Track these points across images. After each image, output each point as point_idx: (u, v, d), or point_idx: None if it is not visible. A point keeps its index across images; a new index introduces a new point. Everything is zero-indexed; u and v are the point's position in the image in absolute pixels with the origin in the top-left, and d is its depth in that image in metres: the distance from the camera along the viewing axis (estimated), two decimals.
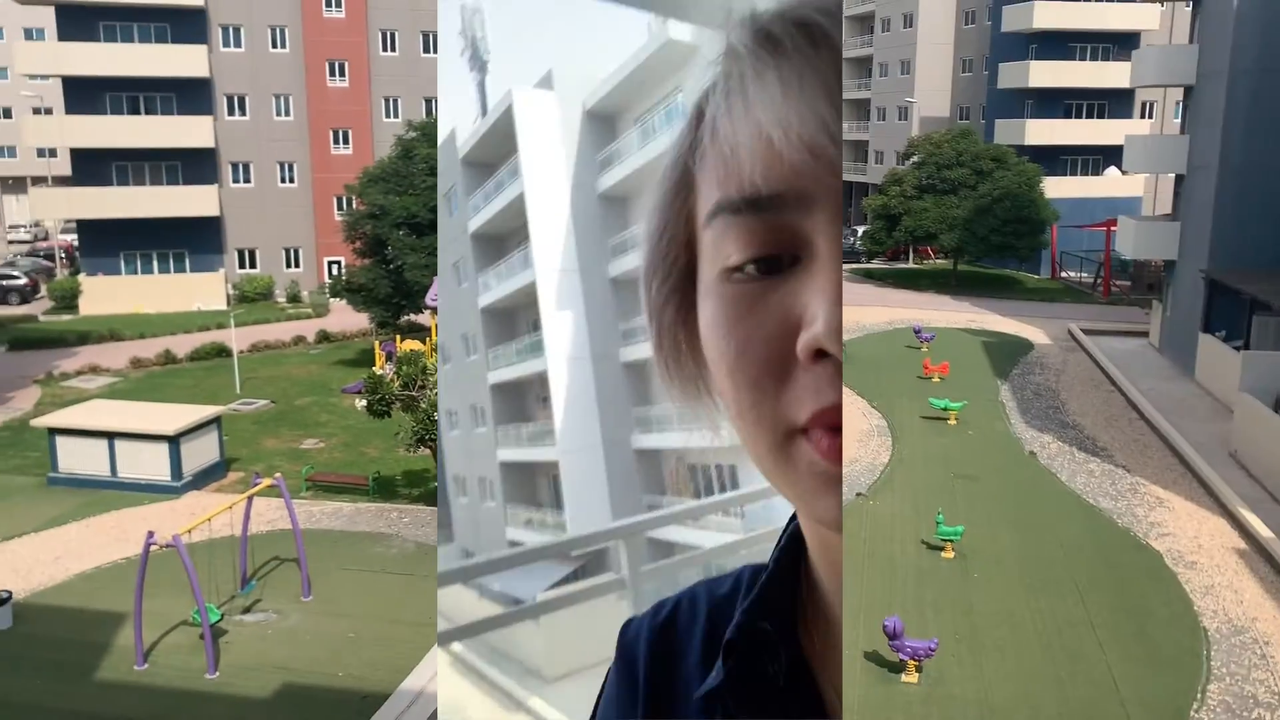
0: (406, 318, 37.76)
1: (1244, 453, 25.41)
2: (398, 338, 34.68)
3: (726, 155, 1.87)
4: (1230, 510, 22.39)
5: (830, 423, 1.90)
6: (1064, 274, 54.72)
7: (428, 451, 22.80)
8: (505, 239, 33.46)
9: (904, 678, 15.76)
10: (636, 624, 2.43)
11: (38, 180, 68.38)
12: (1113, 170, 55.12)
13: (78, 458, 24.27)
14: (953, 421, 28.82)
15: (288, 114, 48.36)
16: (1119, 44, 55.14)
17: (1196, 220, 34.11)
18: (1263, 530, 20.98)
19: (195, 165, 46.85)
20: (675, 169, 2.01)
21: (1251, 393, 25.87)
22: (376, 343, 35.50)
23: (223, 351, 36.77)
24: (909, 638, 16.07)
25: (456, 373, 35.98)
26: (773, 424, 1.94)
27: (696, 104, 1.98)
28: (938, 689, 15.58)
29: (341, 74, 48.55)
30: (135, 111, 45.90)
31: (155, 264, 47.29)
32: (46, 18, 63.02)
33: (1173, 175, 37.86)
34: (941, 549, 20.37)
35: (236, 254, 48.78)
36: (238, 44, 47.16)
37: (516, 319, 33.37)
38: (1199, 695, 15.45)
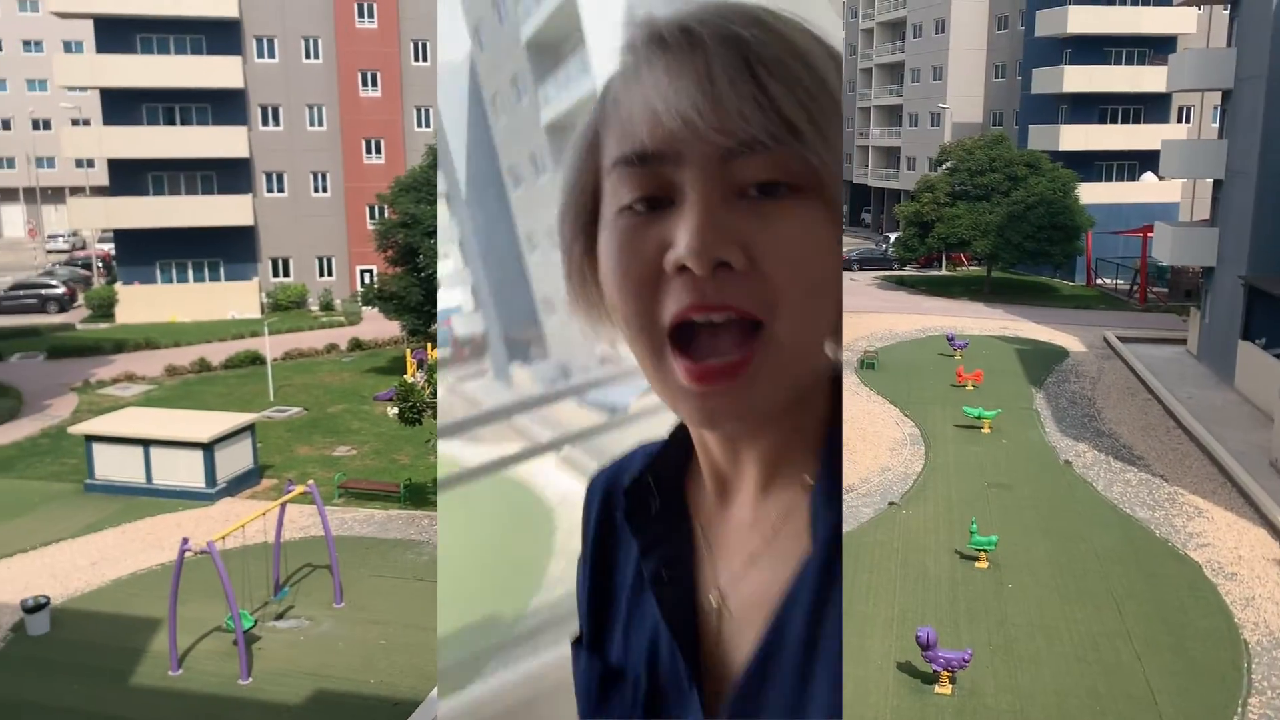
0: (437, 326, 37.89)
1: None
2: (429, 345, 34.84)
3: (624, 121, 2.50)
4: (1271, 520, 22.00)
5: (679, 329, 2.49)
6: (1099, 281, 54.13)
7: None
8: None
9: (937, 689, 15.59)
10: (593, 479, 3.23)
11: (76, 190, 69.45)
12: (1149, 175, 54.48)
13: (114, 465, 24.54)
14: (986, 430, 28.54)
15: (321, 124, 48.80)
16: (1155, 48, 54.54)
17: (1235, 226, 33.63)
18: None
19: (230, 175, 47.38)
20: (587, 133, 2.65)
21: None
22: (408, 350, 35.68)
23: (256, 359, 37.09)
24: (942, 648, 15.90)
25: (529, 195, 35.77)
26: (650, 328, 2.54)
27: (605, 84, 2.60)
28: (971, 700, 15.40)
29: (374, 84, 48.94)
30: (171, 122, 46.50)
31: (190, 273, 47.83)
32: (85, 31, 64.12)
33: (1210, 180, 37.35)
34: (975, 559, 20.16)
35: (270, 263, 49.24)
36: (271, 55, 47.66)
37: None
38: (1239, 709, 15.17)
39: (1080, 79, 53.27)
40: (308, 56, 48.15)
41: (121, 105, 45.74)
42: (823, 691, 2.50)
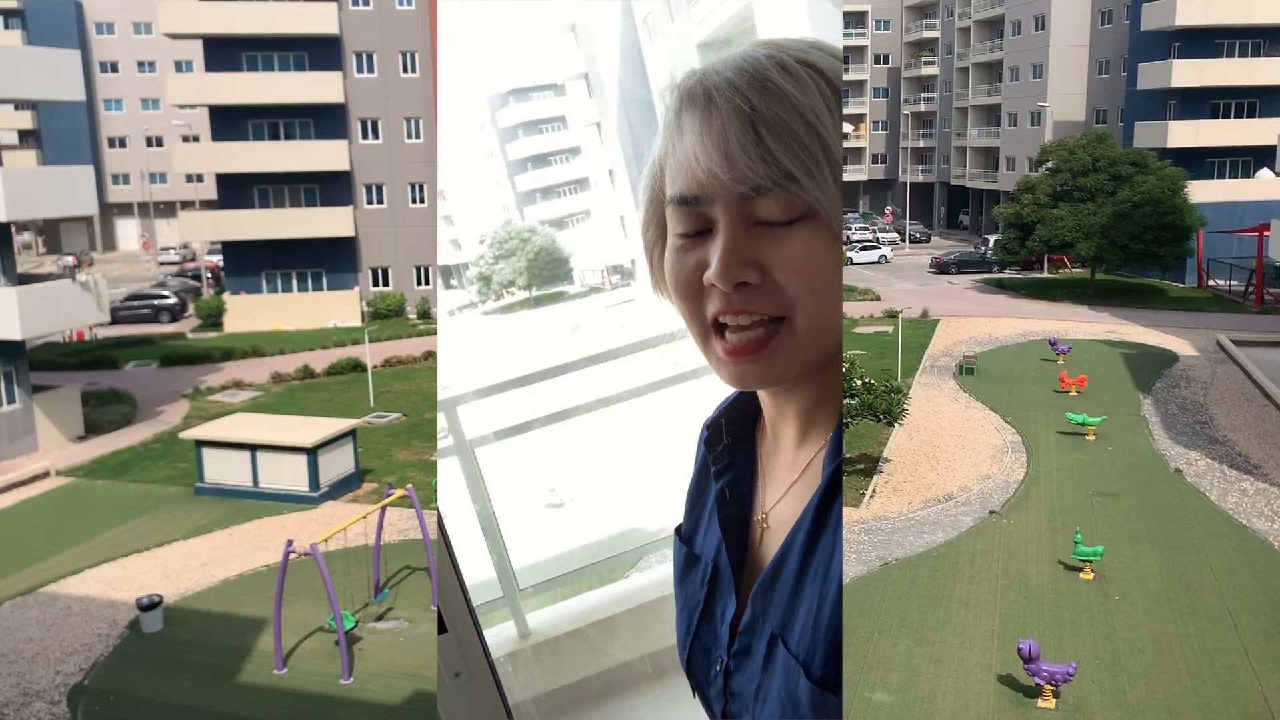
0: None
1: None
2: None
3: (675, 165, 3.36)
4: None
5: (718, 321, 3.35)
6: (1211, 282, 52.07)
7: None
8: None
9: (1040, 703, 15.14)
10: (703, 423, 4.22)
11: (186, 204, 72.18)
12: (1265, 172, 52.18)
13: (222, 469, 25.36)
14: (1091, 437, 27.66)
15: (418, 136, 49.80)
16: (1270, 38, 52.30)
17: None
18: None
19: (331, 187, 48.67)
20: (655, 167, 3.54)
21: None
22: None
23: (357, 366, 37.98)
24: (1045, 661, 15.43)
25: None
26: (696, 322, 3.47)
27: (664, 129, 3.45)
28: (1077, 715, 14.90)
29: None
30: (276, 137, 47.99)
31: (294, 283, 49.25)
32: (194, 51, 66.62)
33: None
34: (1080, 569, 19.53)
35: (370, 272, 50.41)
36: (370, 70, 48.84)
37: None
38: None
39: (1190, 73, 51.37)
40: (405, 70, 49.21)
41: (229, 121, 47.38)
42: (813, 589, 3.37)
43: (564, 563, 11.49)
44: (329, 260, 49.14)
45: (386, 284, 50.69)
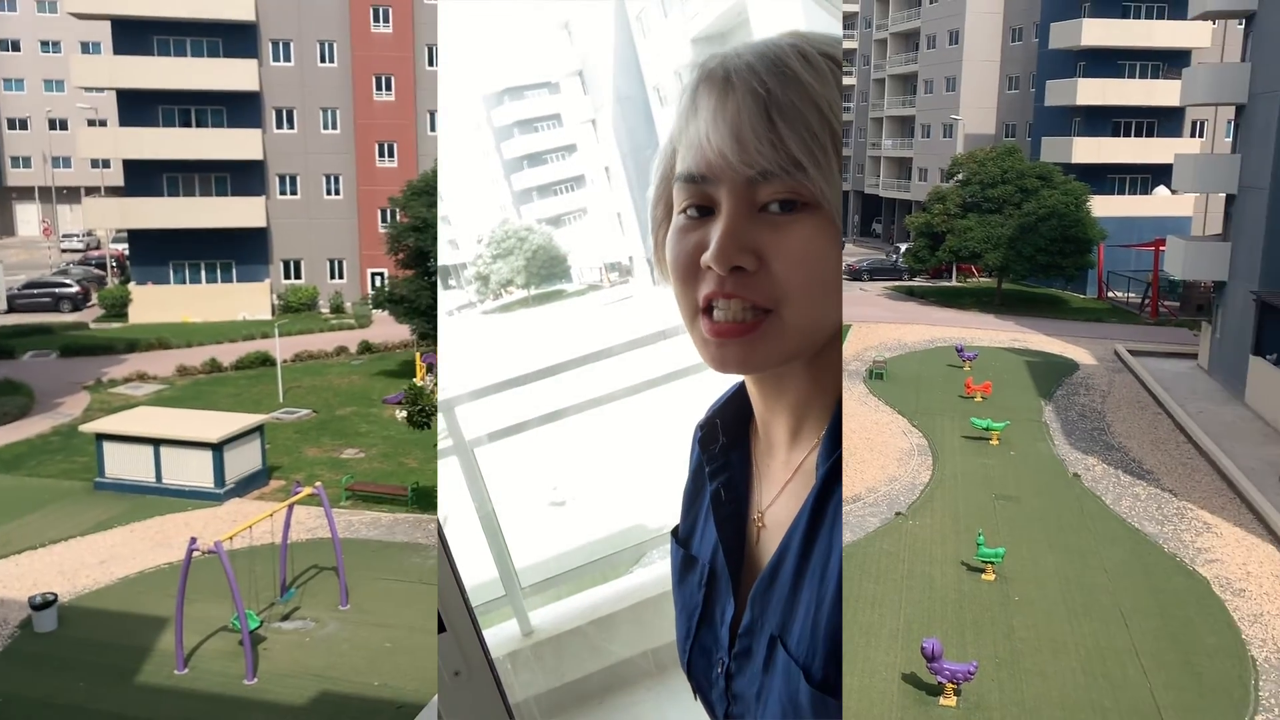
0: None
1: None
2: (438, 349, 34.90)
3: (688, 144, 3.34)
4: None
5: (709, 304, 3.35)
6: (1111, 294, 53.98)
7: None
8: None
9: (942, 701, 15.55)
10: (696, 424, 4.20)
11: (91, 190, 69.82)
12: (1162, 189, 54.33)
13: (124, 463, 24.64)
14: (995, 442, 28.47)
15: (335, 127, 49.00)
16: (1169, 61, 54.42)
17: (1247, 241, 33.52)
18: None
19: (244, 177, 47.60)
20: (669, 146, 3.51)
21: None
22: (418, 354, 35.78)
23: (267, 361, 37.23)
24: (948, 660, 15.86)
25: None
26: (689, 302, 3.45)
27: (681, 110, 3.42)
28: (976, 714, 15.35)
29: (388, 88, 49.12)
30: (186, 124, 46.76)
31: (203, 274, 48.04)
32: (102, 32, 64.54)
33: (1223, 195, 37.25)
34: (982, 571, 20.11)
35: (282, 264, 49.42)
36: (287, 58, 47.90)
37: None
38: None
39: (1094, 92, 53.19)
40: (323, 60, 48.38)
41: (137, 106, 46.01)
42: (810, 590, 3.35)
43: (566, 560, 11.47)
44: (239, 251, 48.04)
45: (299, 277, 49.75)
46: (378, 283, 48.53)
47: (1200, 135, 56.34)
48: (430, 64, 49.77)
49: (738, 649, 3.78)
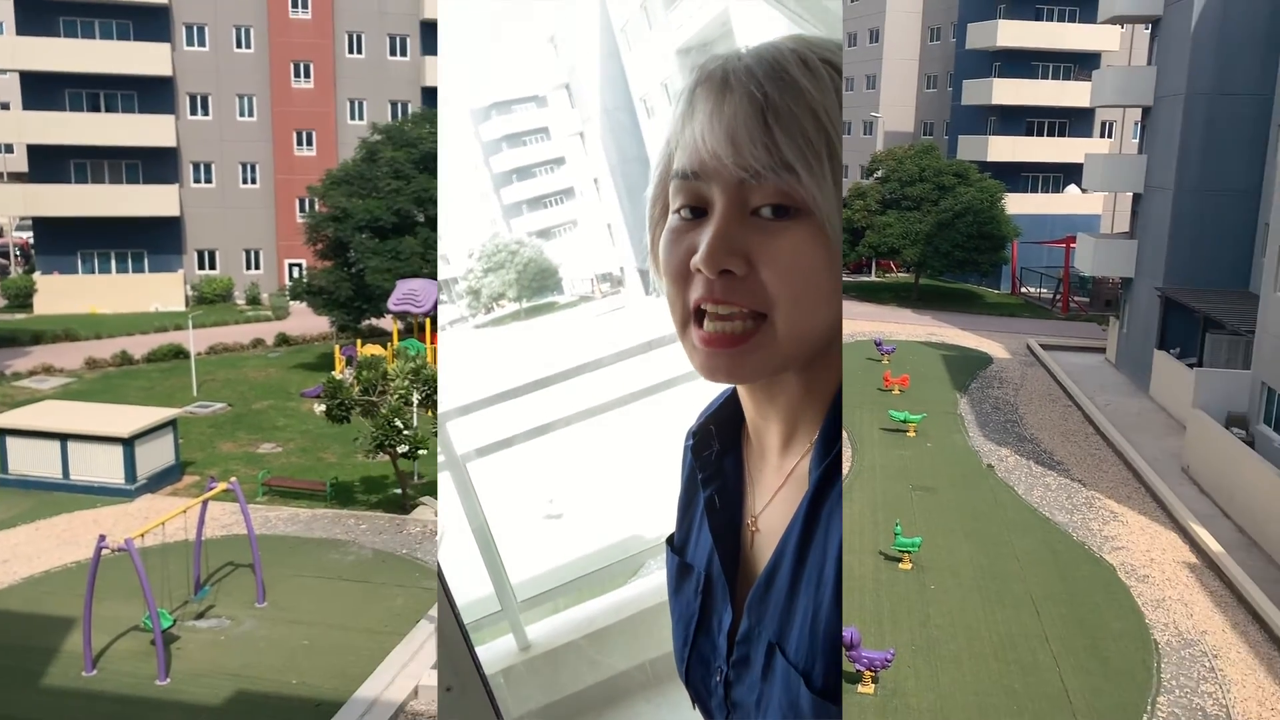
0: (367, 322, 37.48)
1: (1196, 468, 25.81)
2: (358, 342, 34.42)
3: (685, 144, 3.33)
4: (1182, 525, 22.73)
5: (700, 308, 3.33)
6: (1024, 289, 55.38)
7: (386, 457, 22.62)
8: None
9: (860, 688, 15.83)
10: (688, 431, 4.14)
11: None
12: (1073, 188, 55.89)
13: (29, 459, 23.83)
14: (912, 434, 29.03)
15: (251, 114, 47.92)
16: (1080, 64, 55.96)
17: (1153, 239, 34.67)
18: (1213, 545, 21.31)
19: (156, 164, 46.27)
20: (668, 146, 3.47)
21: (1204, 409, 26.29)
22: (337, 347, 35.22)
23: (180, 353, 36.31)
24: (866, 648, 16.15)
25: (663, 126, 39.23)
26: (679, 307, 3.42)
27: (680, 111, 3.41)
28: (894, 700, 15.66)
29: (306, 75, 48.19)
30: (95, 109, 45.27)
31: (113, 263, 46.61)
32: (5, 11, 62.04)
33: (1130, 194, 38.46)
34: (899, 560, 20.50)
35: (196, 255, 48.21)
36: (201, 43, 46.67)
37: None
38: (1149, 708, 15.65)
39: (1008, 92, 54.45)
40: (239, 46, 47.25)
41: (43, 89, 44.39)
42: (807, 596, 3.34)
43: (563, 573, 11.34)
44: (151, 241, 46.70)
45: (213, 267, 48.58)
46: (295, 274, 47.63)
47: (1109, 136, 58.07)
48: (351, 51, 48.92)
49: (736, 657, 3.75)
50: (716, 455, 4.00)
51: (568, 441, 11.89)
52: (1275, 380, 24.68)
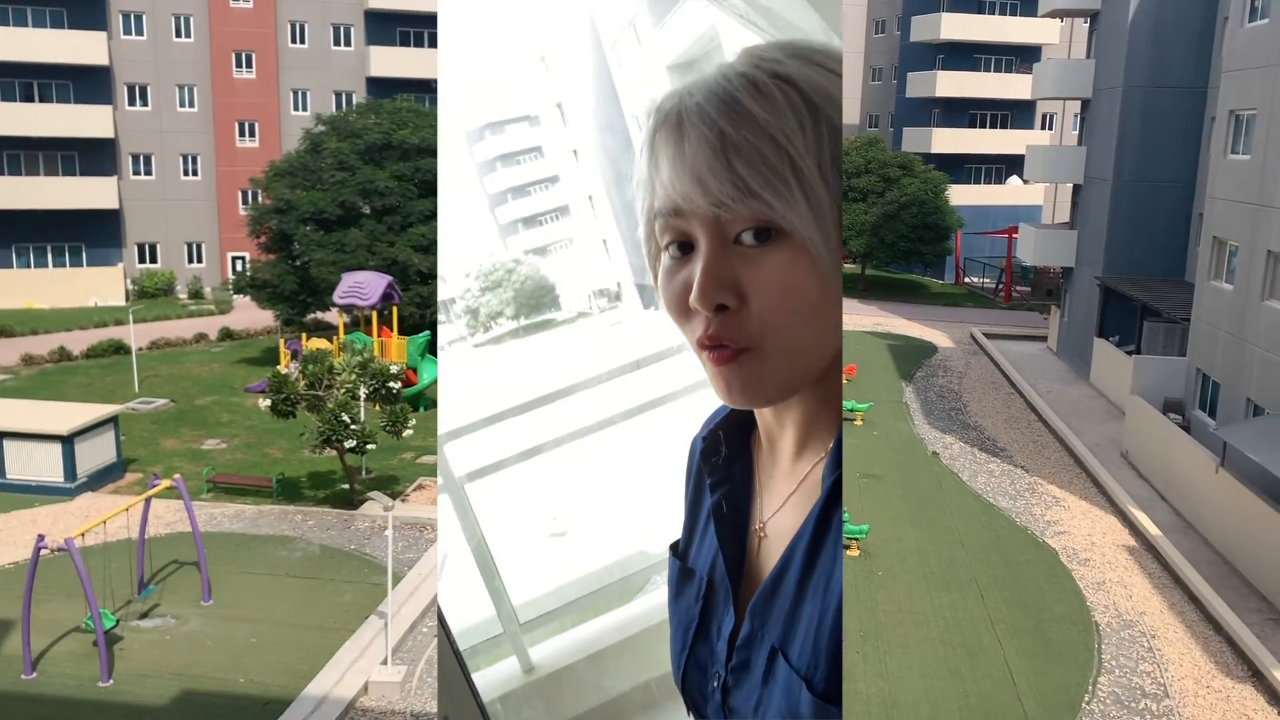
0: (312, 315, 37.04)
1: (1134, 453, 26.40)
2: (303, 336, 34.01)
3: (657, 185, 3.38)
4: (1122, 509, 23.25)
5: (704, 343, 3.35)
6: (967, 279, 56.16)
7: (333, 452, 22.40)
8: None
9: None
10: (693, 438, 4.18)
11: None
12: (1014, 179, 56.75)
13: None
14: (859, 422, 29.36)
15: (191, 105, 47.05)
16: (1021, 56, 56.80)
17: (1092, 229, 35.34)
18: (1151, 528, 21.83)
19: (93, 156, 45.27)
20: (648, 183, 3.47)
21: (1142, 395, 26.89)
22: (281, 341, 34.76)
23: (120, 349, 35.61)
24: None
25: None
26: (689, 334, 3.45)
27: (647, 153, 3.45)
28: (844, 686, 15.82)
29: (248, 65, 47.41)
30: (29, 99, 44.13)
31: (50, 257, 45.54)
32: None
33: (1070, 185, 39.17)
34: (847, 547, 20.74)
35: (136, 248, 47.27)
36: (139, 32, 45.71)
37: None
38: (1090, 688, 16.01)
39: (952, 84, 55.11)
40: (178, 35, 46.34)
41: None
42: (814, 602, 3.36)
43: (566, 593, 11.25)
44: (89, 234, 45.70)
45: (154, 261, 47.67)
46: (239, 267, 46.91)
47: (1050, 128, 59.03)
48: (294, 41, 48.19)
49: (736, 662, 3.74)
50: (725, 460, 4.02)
51: (569, 458, 11.84)
52: (1209, 367, 25.31)
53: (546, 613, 10.60)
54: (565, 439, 10.46)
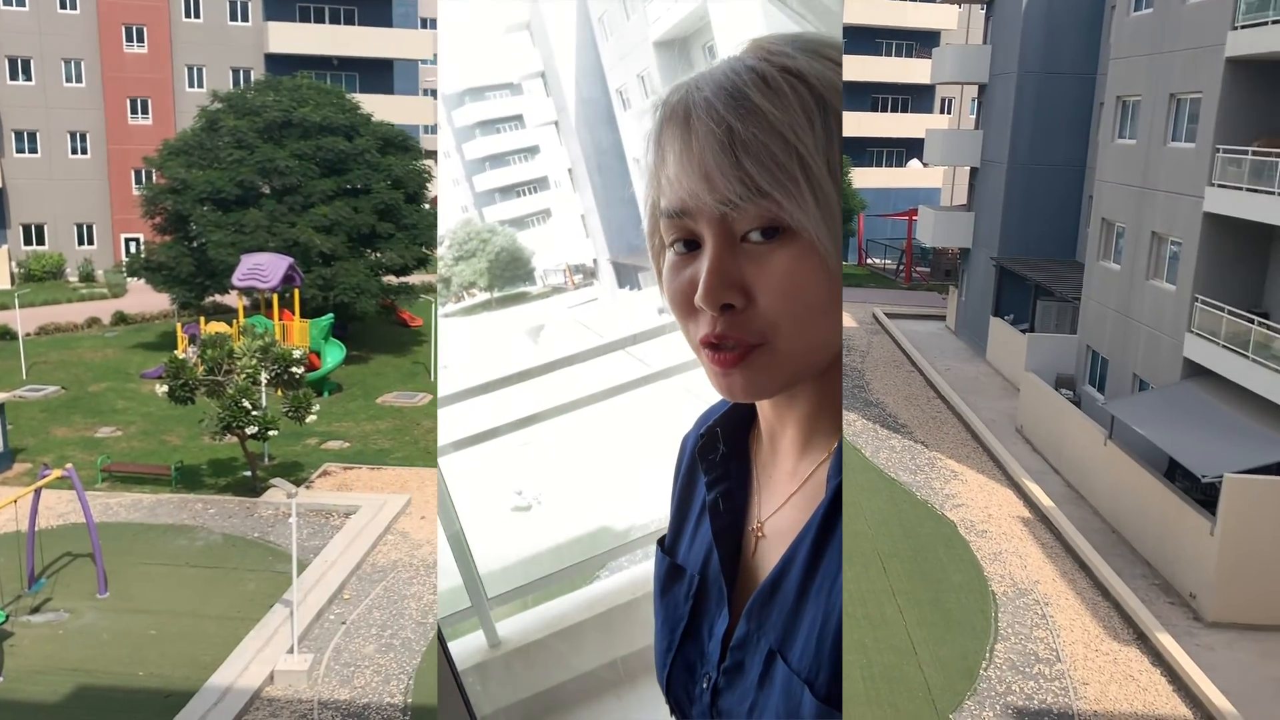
0: (211, 298, 36.06)
1: (1029, 428, 27.33)
2: (201, 319, 33.09)
3: (664, 182, 3.34)
4: (1017, 482, 24.08)
5: (708, 342, 3.29)
6: (870, 261, 57.28)
7: (234, 439, 21.89)
8: None
9: None
10: (685, 436, 4.12)
11: None
12: (915, 162, 58.02)
13: None
14: None
15: (79, 80, 45.23)
16: (921, 41, 57.97)
17: (988, 211, 36.35)
18: (1044, 500, 22.66)
19: None
20: (653, 180, 3.43)
21: (1035, 372, 27.83)
22: (178, 325, 33.77)
23: (6, 334, 34.18)
24: None
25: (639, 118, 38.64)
26: (691, 337, 3.40)
27: (654, 149, 3.39)
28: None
29: (140, 40, 45.73)
30: None
31: None
32: None
33: (968, 168, 40.19)
34: None
35: (21, 229, 45.34)
36: (20, 3, 43.71)
37: None
38: (988, 655, 16.59)
39: (855, 69, 55.98)
40: (63, 6, 44.44)
41: None
42: (817, 604, 3.32)
43: (533, 568, 11.08)
44: None
45: (42, 243, 45.81)
46: (133, 249, 45.36)
47: (949, 112, 60.41)
48: (188, 15, 46.60)
49: (729, 663, 3.65)
50: (723, 458, 3.94)
51: (538, 436, 11.76)
52: (1099, 344, 26.32)
53: (515, 588, 10.61)
54: (535, 419, 10.43)
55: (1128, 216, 25.01)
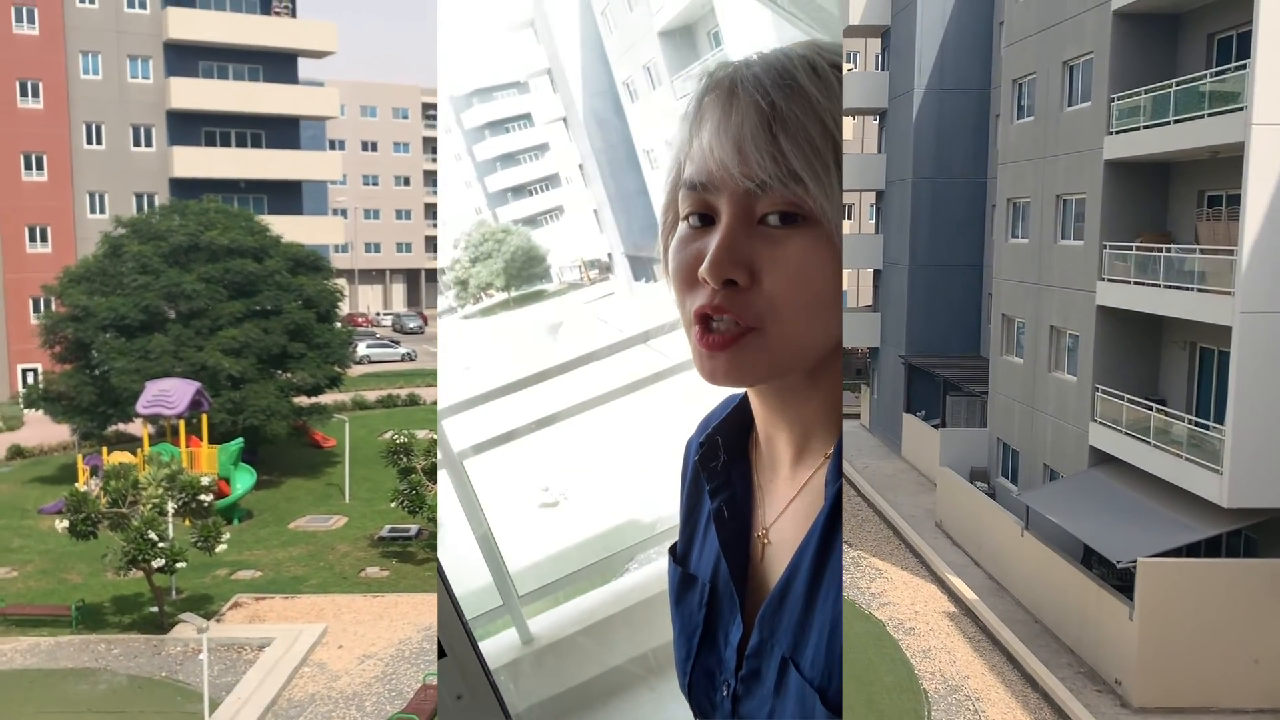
0: (114, 428, 34.89)
1: (947, 522, 27.69)
2: (104, 449, 31.93)
3: (694, 154, 3.34)
4: (940, 576, 24.25)
5: (703, 313, 3.28)
6: None
7: (140, 574, 20.96)
8: None
9: None
10: (689, 440, 4.16)
11: None
12: None
13: None
14: None
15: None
16: None
17: (894, 311, 37.41)
18: (967, 593, 22.83)
19: None
20: (680, 154, 3.46)
21: (950, 466, 28.34)
22: (80, 456, 32.51)
23: None
24: None
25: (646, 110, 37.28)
26: (686, 312, 3.39)
27: (691, 119, 3.40)
28: None
29: (39, 167, 45.07)
30: None
31: None
32: None
33: (872, 270, 41.44)
34: None
35: None
36: None
37: None
38: None
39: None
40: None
41: None
42: (824, 611, 3.36)
43: (562, 564, 10.84)
44: None
45: None
46: (30, 379, 43.85)
47: (850, 218, 62.48)
48: (89, 142, 46.15)
49: (745, 671, 3.67)
50: (724, 466, 3.95)
51: (562, 431, 11.62)
52: (1008, 436, 26.96)
53: (541, 586, 10.45)
54: (559, 417, 10.39)
55: (1026, 312, 25.95)
